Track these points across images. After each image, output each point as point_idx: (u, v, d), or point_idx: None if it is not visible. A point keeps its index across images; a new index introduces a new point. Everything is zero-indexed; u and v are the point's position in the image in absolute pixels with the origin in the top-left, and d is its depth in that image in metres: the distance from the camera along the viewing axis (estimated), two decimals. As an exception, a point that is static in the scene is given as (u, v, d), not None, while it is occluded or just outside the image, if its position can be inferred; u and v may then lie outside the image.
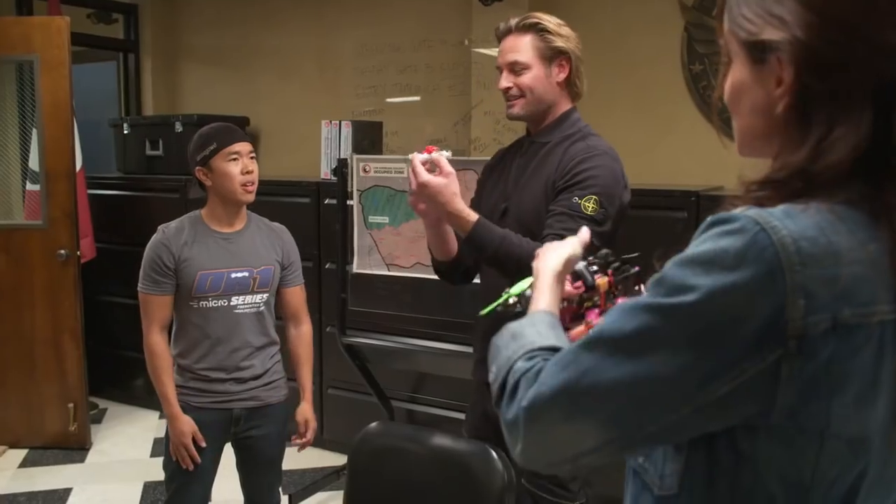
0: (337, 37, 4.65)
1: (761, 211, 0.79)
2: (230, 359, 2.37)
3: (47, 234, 4.00)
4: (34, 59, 3.92)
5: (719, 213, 0.82)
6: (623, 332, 0.81)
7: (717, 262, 0.77)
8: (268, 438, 2.46)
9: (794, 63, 0.80)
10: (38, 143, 3.99)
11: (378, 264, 3.35)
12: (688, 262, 0.80)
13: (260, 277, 2.40)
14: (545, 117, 2.09)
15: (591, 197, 1.91)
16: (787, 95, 0.82)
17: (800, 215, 0.78)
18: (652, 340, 0.80)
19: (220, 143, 2.32)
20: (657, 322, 0.80)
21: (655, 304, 0.80)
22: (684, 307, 0.78)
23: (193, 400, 2.36)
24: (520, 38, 2.03)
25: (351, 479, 1.92)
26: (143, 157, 4.62)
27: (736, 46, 0.88)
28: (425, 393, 3.83)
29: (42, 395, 4.08)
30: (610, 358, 0.81)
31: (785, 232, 0.76)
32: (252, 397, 2.41)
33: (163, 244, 2.34)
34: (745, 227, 0.77)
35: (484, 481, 1.73)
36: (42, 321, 4.04)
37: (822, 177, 0.79)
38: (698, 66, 3.67)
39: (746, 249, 0.76)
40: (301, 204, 3.94)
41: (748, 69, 0.87)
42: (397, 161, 3.27)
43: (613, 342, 0.82)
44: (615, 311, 0.85)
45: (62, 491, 3.64)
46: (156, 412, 4.64)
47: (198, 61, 5.25)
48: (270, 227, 2.50)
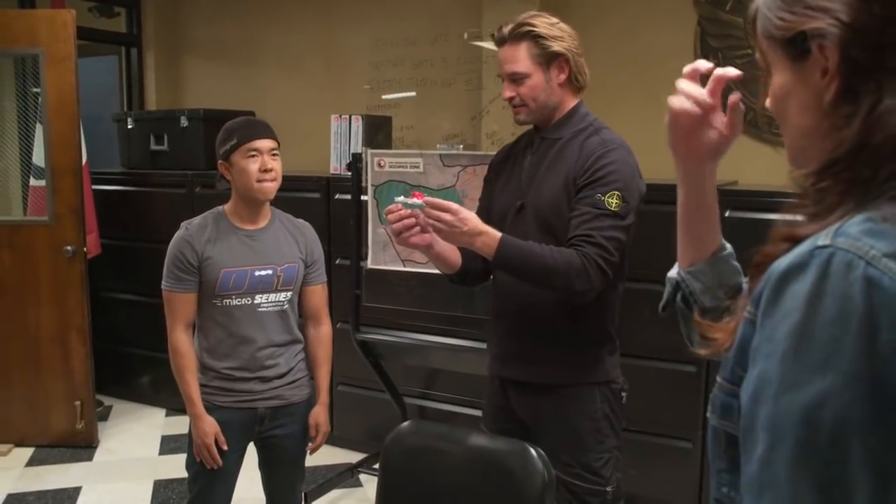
0: (345, 31, 4.61)
1: (842, 238, 0.73)
2: (254, 358, 2.34)
3: (53, 231, 3.95)
4: (39, 52, 3.87)
5: (786, 262, 0.76)
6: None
7: (836, 341, 0.70)
8: (291, 437, 2.43)
9: (840, 44, 0.80)
10: (43, 139, 3.93)
11: (393, 260, 3.32)
12: (799, 358, 0.73)
13: (283, 275, 2.37)
14: (553, 116, 2.11)
15: (614, 193, 1.94)
16: (834, 80, 0.81)
17: (884, 232, 0.73)
18: (841, 439, 0.72)
19: (239, 139, 2.28)
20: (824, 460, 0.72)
21: (803, 452, 0.72)
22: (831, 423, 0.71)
23: (217, 399, 2.33)
24: (515, 48, 2.04)
25: (383, 480, 1.89)
26: (148, 151, 4.56)
27: (774, 50, 0.87)
28: (437, 389, 3.81)
29: (48, 393, 4.04)
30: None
31: (884, 258, 0.71)
32: (276, 396, 2.38)
33: (186, 241, 2.30)
34: (842, 269, 0.71)
35: (523, 481, 1.70)
36: (48, 318, 4.00)
37: (884, 148, 0.77)
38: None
39: (864, 302, 0.70)
40: (311, 199, 3.90)
41: (790, 70, 0.86)
42: (412, 156, 3.24)
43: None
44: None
45: (71, 490, 3.60)
46: (162, 410, 4.61)
47: (201, 55, 5.20)
48: (294, 223, 2.47)
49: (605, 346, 2.12)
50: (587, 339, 2.10)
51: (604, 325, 2.11)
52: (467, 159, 3.15)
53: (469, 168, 3.14)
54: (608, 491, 2.08)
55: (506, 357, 2.17)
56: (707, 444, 0.95)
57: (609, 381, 2.10)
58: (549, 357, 2.08)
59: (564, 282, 1.90)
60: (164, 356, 4.47)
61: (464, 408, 3.72)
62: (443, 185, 3.18)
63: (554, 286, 1.93)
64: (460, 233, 1.87)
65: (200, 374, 2.36)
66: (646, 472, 3.20)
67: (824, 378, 0.71)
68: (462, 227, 1.86)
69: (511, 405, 2.18)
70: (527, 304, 2.07)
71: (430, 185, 3.21)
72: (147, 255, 4.52)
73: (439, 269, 2.16)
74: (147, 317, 4.60)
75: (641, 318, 2.48)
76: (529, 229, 2.00)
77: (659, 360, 3.15)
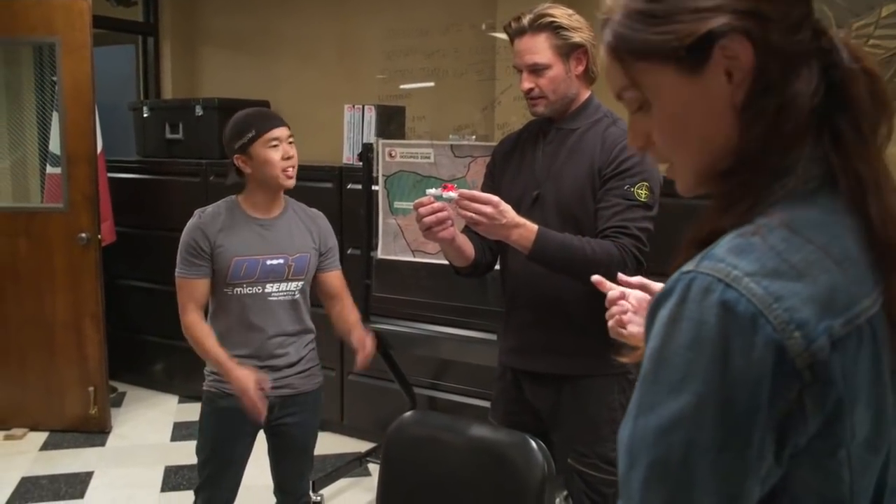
0: (359, 21, 4.60)
1: (707, 261, 0.73)
2: (265, 346, 2.34)
3: (68, 218, 3.98)
4: (56, 41, 3.90)
5: (661, 288, 0.76)
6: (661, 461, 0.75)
7: (690, 364, 0.71)
8: (301, 426, 2.44)
9: (748, 36, 0.76)
10: (59, 126, 3.96)
11: (403, 250, 3.32)
12: (656, 381, 0.74)
13: (295, 265, 2.37)
14: (569, 107, 2.10)
15: (643, 183, 1.94)
16: (747, 78, 0.77)
17: (751, 246, 0.73)
18: (690, 461, 0.73)
19: (258, 130, 2.28)
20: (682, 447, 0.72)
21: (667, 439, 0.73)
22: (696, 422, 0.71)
23: (227, 387, 2.31)
24: (535, 38, 2.02)
25: (385, 469, 1.89)
26: (163, 140, 4.59)
27: (657, 74, 0.81)
28: (447, 380, 3.82)
29: (62, 379, 4.08)
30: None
31: (745, 278, 0.71)
32: (286, 385, 2.38)
33: (199, 228, 2.32)
34: (699, 294, 0.71)
35: (523, 473, 1.70)
36: (63, 305, 4.04)
37: (793, 136, 0.77)
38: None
39: (718, 326, 0.70)
40: (323, 189, 3.91)
41: (686, 88, 0.80)
42: (424, 146, 3.23)
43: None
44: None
45: (84, 474, 3.64)
46: (175, 396, 4.65)
47: (217, 45, 5.22)
48: (307, 212, 2.48)
49: None
50: (606, 330, 2.09)
51: None
52: (478, 150, 3.14)
53: (480, 159, 3.13)
54: None
55: (523, 349, 2.15)
56: None
57: (625, 371, 2.10)
58: (571, 348, 2.06)
59: (606, 274, 1.90)
60: (177, 343, 4.55)
61: (473, 398, 3.73)
62: (453, 176, 3.17)
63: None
64: (500, 225, 1.85)
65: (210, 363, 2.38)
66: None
67: (677, 400, 0.72)
68: (501, 220, 1.84)
69: (525, 397, 2.17)
70: (545, 294, 2.06)
71: (441, 175, 3.20)
72: (161, 243, 4.56)
73: (453, 261, 2.14)
74: (160, 304, 4.63)
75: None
76: (549, 220, 1.99)
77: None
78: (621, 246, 1.90)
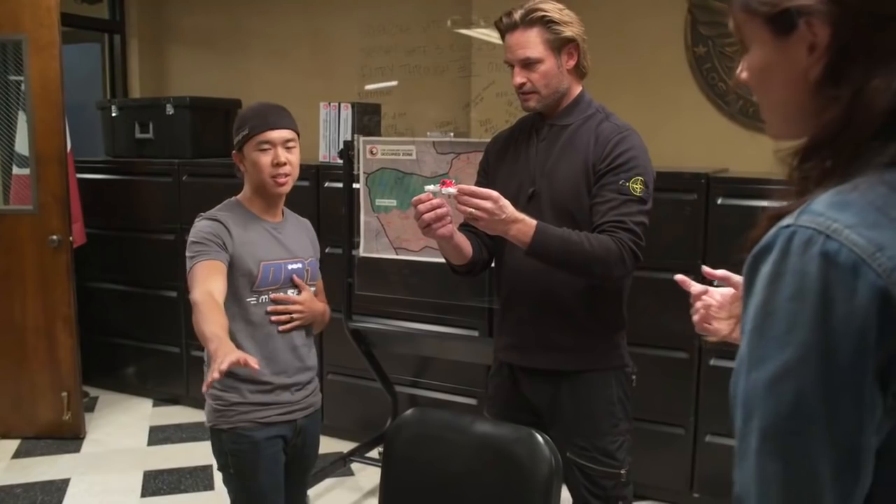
0: (331, 19, 4.57)
1: (806, 215, 0.76)
2: (292, 359, 2.18)
3: (38, 220, 3.89)
4: (23, 38, 3.80)
5: (758, 245, 0.79)
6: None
7: (794, 316, 0.73)
8: (314, 445, 2.33)
9: (831, 22, 0.79)
10: (27, 126, 3.87)
11: (385, 248, 3.30)
12: (763, 335, 0.76)
13: (311, 270, 2.26)
14: (561, 102, 2.11)
15: (637, 178, 1.96)
16: (823, 57, 0.81)
17: (850, 202, 0.75)
18: (802, 411, 0.75)
19: (252, 129, 2.11)
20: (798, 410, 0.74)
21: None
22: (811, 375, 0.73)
23: (259, 416, 2.12)
24: (527, 33, 2.03)
25: (386, 469, 1.88)
26: (133, 140, 4.51)
27: (754, 27, 0.86)
28: (428, 377, 3.81)
29: (35, 384, 3.99)
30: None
31: (846, 230, 0.73)
32: (308, 405, 2.24)
33: (219, 222, 2.07)
34: (800, 247, 0.74)
35: (529, 468, 1.69)
36: (34, 309, 3.95)
37: (867, 129, 0.78)
38: (702, 49, 3.66)
39: (820, 277, 0.72)
40: (300, 187, 3.84)
41: (772, 46, 0.85)
42: (405, 143, 3.22)
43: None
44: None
45: (60, 482, 3.56)
46: (149, 400, 4.58)
47: (186, 43, 5.14)
48: (299, 220, 2.35)
49: (620, 330, 2.13)
50: (605, 325, 2.11)
51: (619, 311, 2.13)
52: (461, 146, 3.14)
53: (462, 156, 3.13)
54: (622, 473, 2.10)
55: (520, 345, 2.14)
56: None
57: (623, 365, 2.12)
58: (568, 343, 2.07)
59: (604, 268, 1.91)
60: (150, 346, 4.52)
61: (455, 395, 3.73)
62: (436, 173, 3.16)
63: (593, 273, 1.94)
64: (499, 220, 1.84)
65: (229, 391, 2.12)
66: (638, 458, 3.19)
67: (784, 352, 0.74)
68: (501, 215, 1.84)
69: (522, 393, 2.17)
70: (541, 290, 2.06)
71: (423, 172, 3.19)
72: (133, 244, 4.49)
73: (451, 259, 2.13)
74: (132, 307, 4.57)
75: (634, 305, 2.48)
76: (545, 216, 1.98)
77: (651, 346, 3.16)
78: (619, 240, 1.91)
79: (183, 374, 4.45)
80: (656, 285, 3.10)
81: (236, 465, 2.14)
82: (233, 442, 2.13)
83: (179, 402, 4.52)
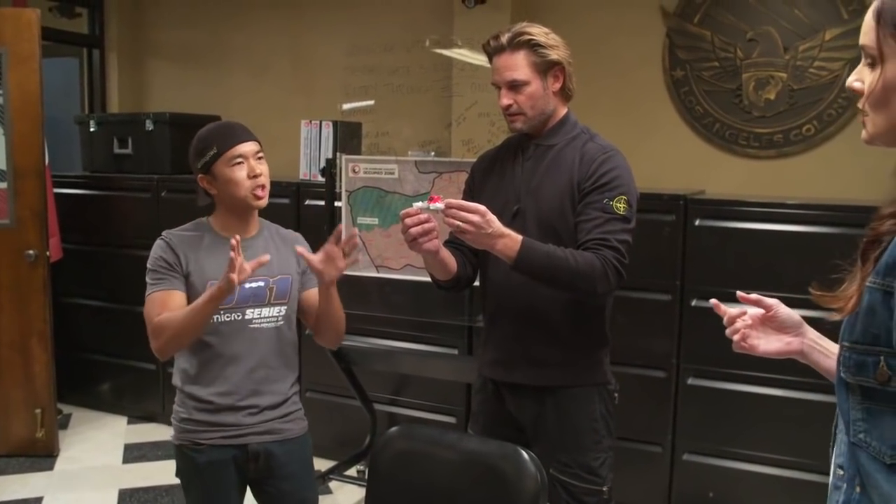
0: (312, 37, 4.60)
1: None
2: (244, 382, 2.08)
3: (15, 234, 3.86)
4: (2, 52, 3.79)
5: None
6: None
7: None
8: (291, 479, 2.15)
9: None
10: (5, 140, 3.85)
11: (366, 266, 3.31)
12: None
13: (276, 288, 2.12)
14: (546, 123, 2.15)
15: (621, 197, 1.99)
16: None
17: None
18: None
19: (220, 147, 2.06)
20: None
21: None
22: None
23: (202, 437, 2.06)
24: (514, 56, 2.07)
25: (372, 487, 1.88)
26: (111, 155, 4.49)
27: (894, 48, 0.99)
28: (407, 395, 3.81)
29: (8, 401, 3.93)
30: None
31: None
32: (268, 430, 2.10)
33: (169, 248, 2.07)
34: None
35: (515, 484, 1.71)
36: (9, 324, 3.90)
37: None
38: (679, 72, 3.72)
39: None
40: (280, 204, 3.87)
41: None
42: (387, 162, 3.24)
43: None
44: None
45: (33, 500, 3.51)
46: (123, 417, 4.53)
47: (165, 58, 5.14)
48: (282, 234, 2.24)
49: (603, 347, 2.16)
50: (589, 341, 2.13)
51: (603, 328, 2.15)
52: (443, 166, 3.17)
53: (444, 175, 3.16)
54: (605, 490, 2.12)
55: (505, 361, 2.16)
56: (838, 401, 1.09)
57: (606, 382, 2.14)
58: (553, 359, 2.10)
59: (589, 285, 1.93)
60: (125, 362, 4.48)
61: (434, 414, 3.73)
62: (417, 192, 3.19)
63: (577, 289, 1.96)
64: (486, 234, 1.87)
65: (179, 406, 2.12)
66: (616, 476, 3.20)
67: None
68: (487, 229, 1.87)
69: (506, 409, 2.19)
70: (526, 306, 2.09)
71: (405, 191, 3.22)
72: (110, 260, 4.46)
73: (436, 274, 2.15)
74: (108, 323, 4.53)
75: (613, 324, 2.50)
76: (529, 233, 2.01)
77: (630, 365, 3.19)
78: (603, 258, 1.94)
79: (159, 391, 4.42)
80: (635, 304, 3.15)
81: (184, 484, 2.16)
82: (179, 459, 2.15)
83: (155, 420, 4.47)
